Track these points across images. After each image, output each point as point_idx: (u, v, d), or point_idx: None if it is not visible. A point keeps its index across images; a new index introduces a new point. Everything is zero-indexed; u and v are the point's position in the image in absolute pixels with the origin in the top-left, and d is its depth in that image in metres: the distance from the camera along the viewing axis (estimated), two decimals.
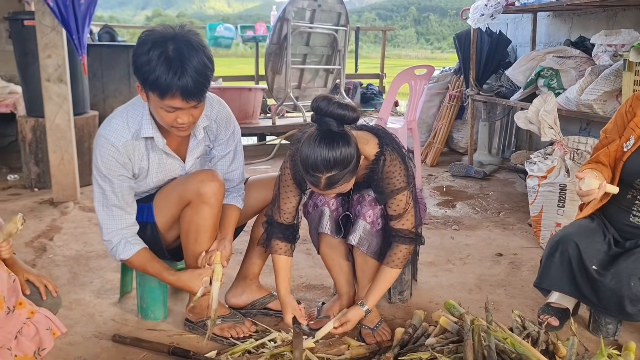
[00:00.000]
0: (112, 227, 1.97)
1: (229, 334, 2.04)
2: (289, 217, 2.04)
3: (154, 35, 1.74)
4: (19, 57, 4.04)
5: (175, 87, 1.70)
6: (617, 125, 2.04)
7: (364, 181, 2.00)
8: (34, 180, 4.09)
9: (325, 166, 1.71)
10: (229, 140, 2.10)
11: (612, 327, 2.05)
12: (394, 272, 1.98)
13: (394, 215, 1.95)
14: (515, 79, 4.21)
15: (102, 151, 1.90)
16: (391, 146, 1.93)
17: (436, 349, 1.78)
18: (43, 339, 1.58)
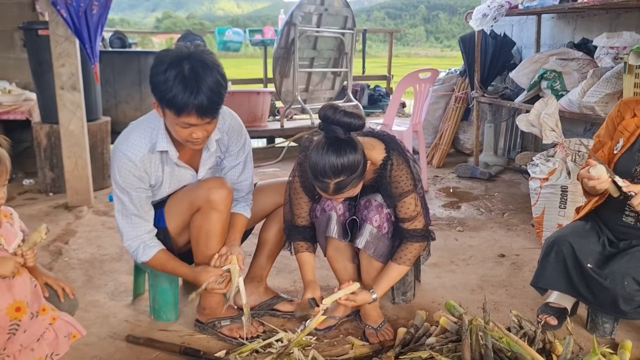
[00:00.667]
0: (132, 234, 2.06)
1: (237, 335, 2.12)
2: (304, 221, 2.16)
3: (170, 55, 1.82)
4: (34, 66, 4.16)
5: (191, 105, 1.78)
6: (609, 129, 2.12)
7: (372, 185, 2.08)
8: (49, 185, 4.20)
9: (334, 172, 1.80)
10: (239, 152, 2.18)
11: (608, 326, 2.11)
12: (402, 269, 2.07)
13: (405, 217, 2.04)
14: (519, 81, 4.27)
15: (120, 166, 1.99)
16: (397, 151, 2.03)
17: (435, 348, 1.85)
18: (59, 345, 1.67)
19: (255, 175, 4.68)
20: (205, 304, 2.20)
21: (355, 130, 1.87)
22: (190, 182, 2.13)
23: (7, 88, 4.66)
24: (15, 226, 1.68)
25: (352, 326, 2.26)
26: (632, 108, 2.07)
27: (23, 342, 1.58)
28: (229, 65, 17.07)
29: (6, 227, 1.63)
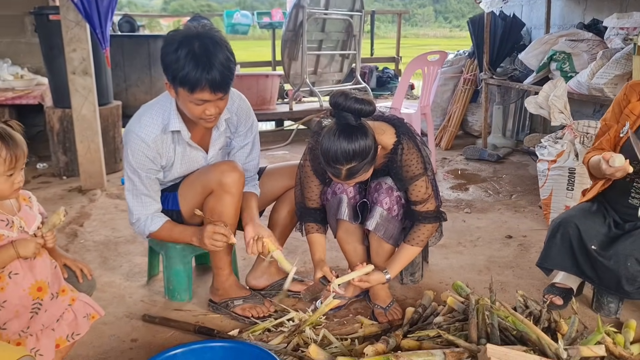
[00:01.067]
0: (142, 213, 2.13)
1: (249, 314, 2.18)
2: (315, 203, 2.21)
3: (179, 35, 1.87)
4: (45, 50, 4.20)
5: (204, 80, 1.83)
6: (615, 113, 2.13)
7: (382, 169, 2.12)
8: (63, 169, 4.27)
9: (345, 158, 1.84)
10: (247, 133, 2.23)
11: (613, 305, 2.15)
12: (415, 250, 2.12)
13: (417, 200, 2.08)
14: (528, 62, 4.26)
15: (133, 147, 2.04)
16: (407, 135, 2.07)
17: (443, 327, 1.89)
18: (79, 325, 1.72)
19: (264, 158, 4.71)
20: (218, 285, 2.26)
21: (366, 116, 1.90)
22: (201, 163, 2.18)
23: (19, 73, 4.72)
24: (34, 209, 1.73)
25: (361, 306, 2.32)
26: (638, 91, 2.08)
27: (44, 322, 1.64)
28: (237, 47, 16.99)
29: (25, 210, 1.68)
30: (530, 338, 1.69)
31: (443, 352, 1.57)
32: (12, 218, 1.61)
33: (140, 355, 1.97)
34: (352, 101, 1.83)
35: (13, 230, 1.60)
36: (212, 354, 1.76)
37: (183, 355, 1.74)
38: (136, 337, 2.10)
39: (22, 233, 1.62)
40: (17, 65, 4.99)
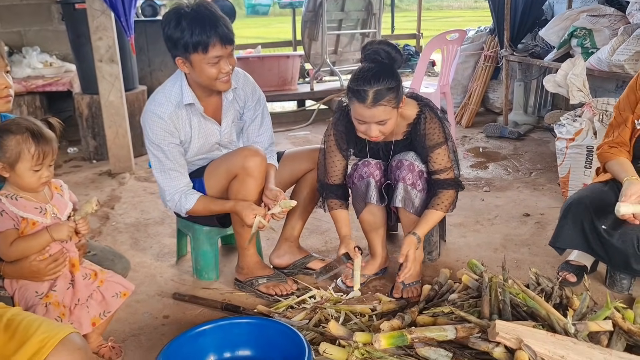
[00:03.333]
0: (173, 188, 2.23)
1: (273, 292, 2.30)
2: (337, 179, 2.31)
3: (174, 11, 2.05)
4: (72, 38, 4.32)
5: (214, 36, 2.01)
6: (630, 100, 2.14)
7: (405, 139, 2.22)
8: (92, 153, 4.43)
9: (373, 78, 1.97)
10: (256, 105, 2.36)
11: (626, 282, 2.21)
12: (439, 214, 2.19)
13: (438, 169, 2.18)
14: (549, 39, 4.24)
15: (152, 124, 2.16)
16: (429, 107, 2.20)
17: (457, 304, 1.98)
18: (109, 303, 1.85)
19: (286, 139, 4.80)
20: (243, 264, 2.38)
21: (394, 61, 2.04)
22: (215, 135, 2.28)
23: (48, 61, 4.86)
24: (65, 197, 1.83)
25: (380, 284, 2.41)
26: None
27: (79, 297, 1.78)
28: (259, 24, 16.97)
29: (57, 198, 1.79)
30: (540, 314, 1.77)
31: (455, 328, 1.66)
32: (45, 206, 1.73)
33: (171, 331, 2.11)
34: (384, 44, 2.04)
35: (47, 217, 1.72)
36: (239, 330, 1.88)
37: (212, 331, 1.86)
38: (168, 314, 2.24)
39: (55, 219, 1.74)
40: (45, 52, 5.13)
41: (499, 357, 1.56)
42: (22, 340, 1.21)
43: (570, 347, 1.55)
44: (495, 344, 1.59)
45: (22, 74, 4.71)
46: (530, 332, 1.57)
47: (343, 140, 2.25)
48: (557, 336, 1.58)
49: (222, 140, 2.33)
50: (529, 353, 1.49)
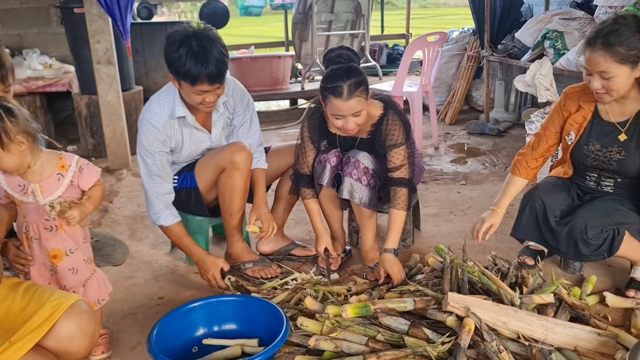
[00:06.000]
0: (156, 192, 2.43)
1: (259, 275, 2.52)
2: (309, 169, 2.53)
3: (179, 35, 2.17)
4: (71, 41, 4.53)
5: (203, 75, 2.14)
6: (554, 121, 2.32)
7: (368, 138, 2.44)
8: (91, 151, 4.64)
9: (344, 74, 2.20)
10: (245, 111, 2.55)
11: (578, 264, 2.44)
12: (401, 214, 2.40)
13: (393, 167, 2.39)
14: (525, 40, 4.46)
15: (146, 132, 2.36)
16: (394, 110, 2.41)
17: (422, 282, 2.20)
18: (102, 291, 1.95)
19: (277, 136, 5.01)
20: (232, 251, 2.60)
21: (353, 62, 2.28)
22: (206, 142, 2.49)
23: (48, 62, 5.06)
24: (65, 180, 1.78)
25: (357, 267, 2.64)
26: (576, 101, 2.24)
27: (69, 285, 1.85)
28: (255, 22, 16.95)
29: (51, 180, 1.74)
30: (492, 289, 2.00)
31: (413, 300, 1.88)
32: (30, 185, 1.73)
33: (166, 310, 2.31)
34: (341, 48, 2.31)
35: (27, 196, 1.73)
36: (225, 307, 2.10)
37: (201, 308, 2.08)
38: (162, 295, 2.45)
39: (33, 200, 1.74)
40: (45, 54, 5.33)
41: (451, 324, 1.79)
42: (38, 305, 1.43)
43: (511, 315, 1.77)
44: (449, 313, 1.81)
45: (22, 75, 4.91)
46: (477, 302, 1.79)
47: (315, 133, 2.48)
48: (500, 306, 1.81)
49: (212, 146, 2.53)
50: (474, 320, 1.71)
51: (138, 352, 2.03)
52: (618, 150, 2.16)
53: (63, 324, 1.43)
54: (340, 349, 1.81)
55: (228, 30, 7.96)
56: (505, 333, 1.77)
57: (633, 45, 1.93)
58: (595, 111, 2.21)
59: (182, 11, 16.27)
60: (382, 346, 1.79)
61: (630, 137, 2.13)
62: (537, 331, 1.75)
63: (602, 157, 2.19)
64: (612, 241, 2.10)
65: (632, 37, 1.92)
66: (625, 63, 1.94)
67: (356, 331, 1.84)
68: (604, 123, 2.19)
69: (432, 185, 3.75)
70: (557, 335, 1.75)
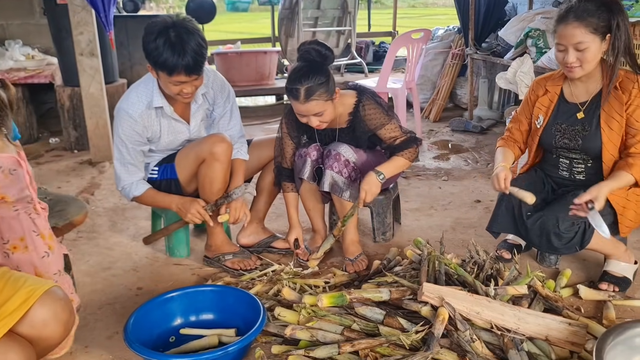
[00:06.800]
0: (128, 180, 2.45)
1: (238, 267, 2.52)
2: (291, 162, 2.55)
3: (157, 26, 2.17)
4: (54, 32, 4.49)
5: (180, 66, 2.15)
6: (524, 108, 2.44)
7: (349, 127, 2.46)
8: (73, 143, 4.61)
9: (303, 76, 2.21)
10: (225, 102, 2.55)
11: (553, 258, 2.47)
12: (403, 161, 2.43)
13: (391, 140, 2.42)
14: (508, 39, 4.50)
15: (122, 122, 2.36)
16: (368, 94, 2.44)
17: (400, 274, 2.22)
18: None
19: (262, 131, 5.02)
20: (212, 242, 2.60)
21: (326, 59, 2.27)
22: (184, 133, 2.49)
23: (30, 54, 5.01)
24: None
25: (337, 260, 2.65)
26: (543, 85, 2.35)
27: None
28: (243, 19, 16.76)
29: None
30: (467, 280, 2.02)
31: (389, 290, 1.90)
32: None
33: (144, 300, 2.28)
34: (315, 43, 2.26)
35: None
36: (203, 297, 2.11)
37: (179, 297, 2.08)
38: (141, 286, 2.45)
39: None
40: (27, 45, 5.29)
41: (425, 314, 1.81)
42: (12, 291, 1.43)
43: (485, 305, 1.80)
44: (424, 303, 1.83)
45: (4, 66, 4.86)
46: (451, 293, 1.82)
47: (293, 128, 2.49)
48: (474, 296, 1.83)
49: (191, 137, 2.53)
50: (449, 309, 1.74)
51: (115, 342, 2.03)
52: (581, 128, 2.24)
53: (37, 309, 1.43)
54: (316, 338, 1.83)
55: (216, 26, 7.95)
56: (479, 323, 1.79)
57: (602, 17, 2.05)
58: (561, 94, 2.31)
59: (171, 7, 16.22)
60: (358, 335, 1.81)
61: (586, 115, 2.23)
62: (510, 321, 1.78)
63: (568, 135, 2.27)
64: (583, 234, 2.14)
65: (599, 10, 2.05)
66: (597, 34, 2.06)
67: (332, 321, 1.85)
68: (569, 104, 2.29)
69: (414, 180, 3.78)
70: (529, 325, 1.78)
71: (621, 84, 2.14)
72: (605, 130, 2.18)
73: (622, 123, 2.14)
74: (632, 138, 2.13)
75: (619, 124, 2.14)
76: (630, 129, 2.14)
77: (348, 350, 1.73)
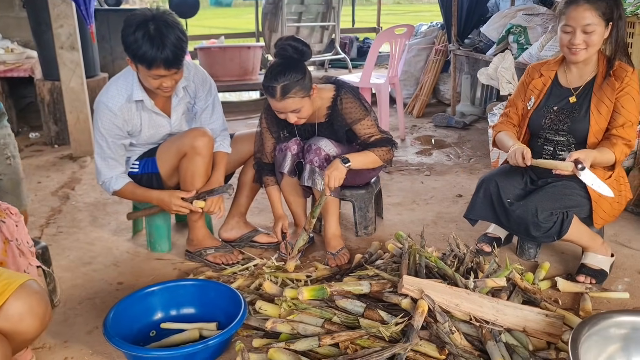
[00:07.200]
0: (108, 174, 2.43)
1: (220, 261, 2.52)
2: (271, 156, 2.56)
3: (136, 18, 2.15)
4: (33, 25, 4.43)
5: (158, 59, 2.13)
6: (520, 91, 2.48)
7: (327, 122, 2.46)
8: (54, 138, 4.55)
9: (279, 74, 2.22)
10: (207, 96, 2.53)
11: (533, 250, 2.50)
12: (373, 156, 2.42)
13: (366, 137, 2.43)
14: (490, 35, 4.53)
15: (102, 115, 2.34)
16: (346, 89, 2.45)
17: (381, 267, 2.24)
18: None
19: (245, 126, 5.01)
20: (193, 237, 2.59)
21: (303, 55, 2.27)
22: (165, 127, 2.47)
23: (10, 47, 4.94)
24: None
25: (319, 254, 2.66)
26: (538, 69, 2.43)
27: None
28: (228, 15, 16.74)
29: None
30: (447, 273, 2.04)
31: (369, 283, 1.91)
32: None
33: (125, 295, 2.28)
34: (291, 39, 2.26)
35: None
36: (184, 291, 2.10)
37: (160, 292, 2.07)
38: (122, 281, 2.43)
39: None
40: (7, 39, 5.21)
41: (405, 307, 1.82)
42: None
43: (464, 297, 1.81)
44: (404, 296, 1.84)
45: None
46: (431, 285, 1.83)
47: (273, 124, 2.50)
48: (454, 288, 1.85)
49: (172, 131, 2.51)
50: (428, 302, 1.75)
51: (94, 336, 2.01)
52: (571, 111, 2.30)
53: (12, 303, 1.41)
54: (297, 331, 1.83)
55: (200, 21, 7.90)
56: (458, 315, 1.81)
57: (609, 3, 2.15)
58: (555, 78, 2.38)
59: (154, 1, 16.06)
60: (338, 328, 1.82)
61: (578, 99, 2.30)
62: (488, 313, 1.80)
63: (557, 117, 2.33)
64: (561, 224, 2.18)
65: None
66: (603, 19, 2.14)
67: (313, 313, 1.85)
68: (562, 89, 2.35)
69: (397, 175, 3.80)
70: (507, 317, 1.80)
71: (615, 72, 2.23)
72: (594, 114, 2.25)
73: (611, 108, 2.23)
74: (614, 121, 2.22)
75: (608, 109, 2.23)
76: (615, 113, 2.22)
77: (328, 343, 1.73)
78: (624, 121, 2.19)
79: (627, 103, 2.19)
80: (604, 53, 2.27)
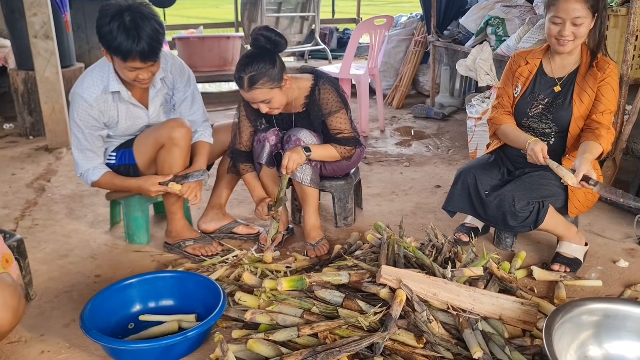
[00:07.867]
0: (86, 166, 2.41)
1: (199, 253, 2.50)
2: (247, 145, 2.54)
3: (112, 8, 2.11)
4: (7, 13, 4.33)
5: (134, 52, 2.10)
6: (507, 78, 2.49)
7: (304, 111, 2.46)
8: (29, 129, 4.47)
9: (246, 65, 2.22)
10: (185, 87, 2.51)
11: (509, 240, 2.54)
12: (333, 150, 2.45)
13: (336, 132, 2.44)
14: (469, 26, 4.56)
15: (77, 107, 2.30)
16: (324, 79, 2.45)
17: (360, 258, 2.25)
18: None
19: (225, 117, 4.99)
20: (172, 228, 2.57)
21: (276, 46, 2.26)
22: (143, 118, 2.45)
23: None
24: None
25: (298, 245, 2.66)
26: (524, 57, 2.44)
27: None
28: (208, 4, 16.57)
29: None
30: (425, 263, 2.06)
31: (348, 273, 1.92)
32: None
33: (102, 288, 2.27)
34: (265, 29, 2.25)
35: None
36: (163, 282, 2.09)
37: (138, 284, 2.06)
38: (99, 274, 2.41)
39: None
40: None
41: (384, 296, 1.84)
42: None
43: (441, 286, 1.84)
44: (382, 286, 1.86)
45: None
46: (409, 275, 1.85)
47: (252, 112, 2.48)
48: (431, 278, 1.87)
49: (150, 123, 2.48)
50: (406, 291, 1.77)
51: (71, 330, 1.99)
52: (555, 100, 2.34)
53: None
54: (276, 321, 1.83)
55: (179, 10, 7.79)
56: (435, 304, 1.83)
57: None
58: (540, 67, 2.40)
59: None
60: (317, 318, 1.83)
61: (562, 89, 2.33)
62: (465, 301, 1.82)
63: (543, 104, 2.36)
64: (537, 213, 2.22)
65: None
66: (591, 11, 2.17)
67: (292, 304, 1.86)
68: (547, 78, 2.38)
69: (376, 166, 3.81)
70: (484, 305, 1.83)
71: (597, 64, 2.27)
72: (576, 103, 2.29)
73: (592, 97, 2.27)
74: (594, 108, 2.26)
75: (590, 98, 2.27)
76: (596, 102, 2.26)
77: (307, 333, 1.74)
78: (604, 109, 2.24)
79: (607, 92, 2.24)
80: (586, 44, 2.31)
